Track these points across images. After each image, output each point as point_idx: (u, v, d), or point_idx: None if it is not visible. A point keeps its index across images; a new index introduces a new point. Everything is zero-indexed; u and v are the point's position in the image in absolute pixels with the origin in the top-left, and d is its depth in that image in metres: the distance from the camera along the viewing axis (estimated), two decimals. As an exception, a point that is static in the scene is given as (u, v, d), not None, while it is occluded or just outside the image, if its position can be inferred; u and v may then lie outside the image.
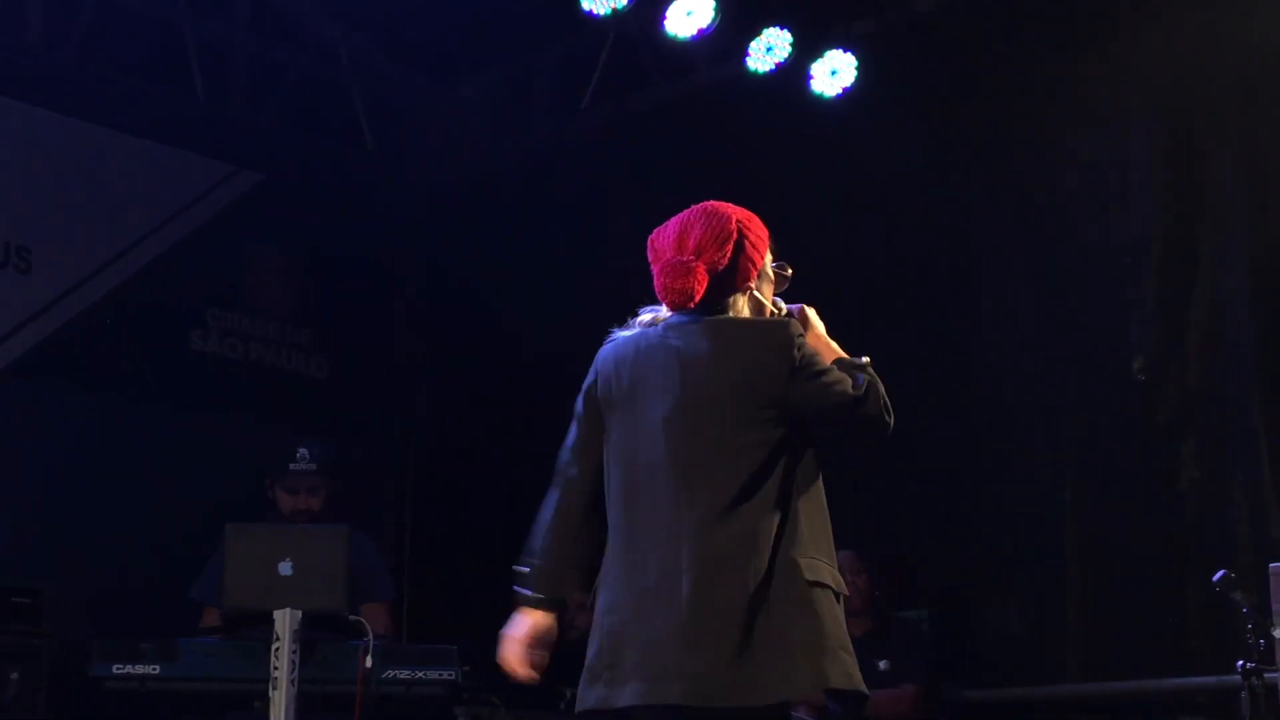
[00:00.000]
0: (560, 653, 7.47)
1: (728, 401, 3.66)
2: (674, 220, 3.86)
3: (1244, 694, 5.25)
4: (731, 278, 3.79)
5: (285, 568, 5.37)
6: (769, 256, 3.90)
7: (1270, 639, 5.26)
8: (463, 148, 9.09)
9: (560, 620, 4.16)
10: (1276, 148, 6.69)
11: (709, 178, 8.19)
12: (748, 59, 7.48)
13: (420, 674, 5.58)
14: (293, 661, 5.27)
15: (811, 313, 3.89)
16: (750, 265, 3.82)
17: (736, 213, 3.85)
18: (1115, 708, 6.72)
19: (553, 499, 3.95)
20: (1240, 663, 5.26)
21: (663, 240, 3.85)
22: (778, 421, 3.64)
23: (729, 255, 3.78)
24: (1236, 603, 5.32)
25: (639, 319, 3.93)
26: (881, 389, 3.65)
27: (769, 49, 7.43)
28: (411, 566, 8.74)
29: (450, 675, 5.63)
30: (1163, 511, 6.74)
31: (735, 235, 3.79)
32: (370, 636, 5.49)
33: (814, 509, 3.67)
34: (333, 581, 5.42)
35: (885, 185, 7.52)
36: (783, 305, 3.94)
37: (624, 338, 3.93)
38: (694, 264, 3.74)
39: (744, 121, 7.89)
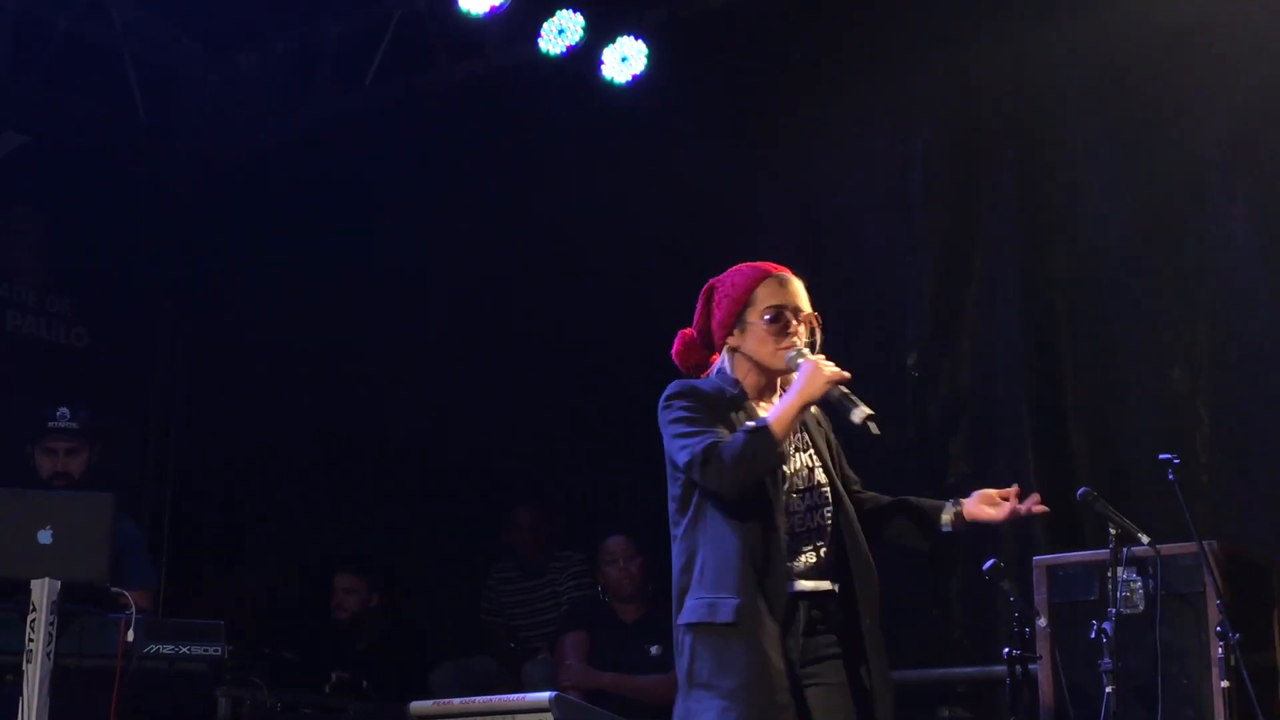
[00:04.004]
0: (328, 635, 7.39)
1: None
2: None
3: (1008, 681, 5.38)
4: (705, 340, 4.24)
5: (45, 536, 5.13)
6: (750, 308, 4.12)
7: (1035, 629, 5.41)
8: (238, 120, 8.87)
9: None
10: (1048, 156, 6.91)
11: (495, 160, 8.19)
12: (540, 40, 7.44)
13: (184, 649, 5.41)
14: (49, 634, 5.04)
15: (807, 366, 4.03)
16: (714, 324, 4.18)
17: (719, 277, 4.23)
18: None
19: None
20: (1006, 650, 5.38)
21: None
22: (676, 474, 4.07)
23: (698, 321, 4.24)
24: (1005, 591, 5.45)
25: None
26: (733, 451, 3.90)
27: (561, 31, 7.42)
28: (171, 544, 8.50)
29: (216, 651, 5.47)
30: (930, 506, 6.86)
31: (703, 301, 4.23)
32: (133, 610, 5.28)
33: (716, 546, 3.98)
34: (95, 551, 5.20)
35: (670, 174, 7.56)
36: (794, 358, 4.06)
37: None
38: (683, 333, 4.27)
39: (533, 104, 7.86)
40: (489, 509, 7.76)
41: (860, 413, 3.98)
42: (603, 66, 7.45)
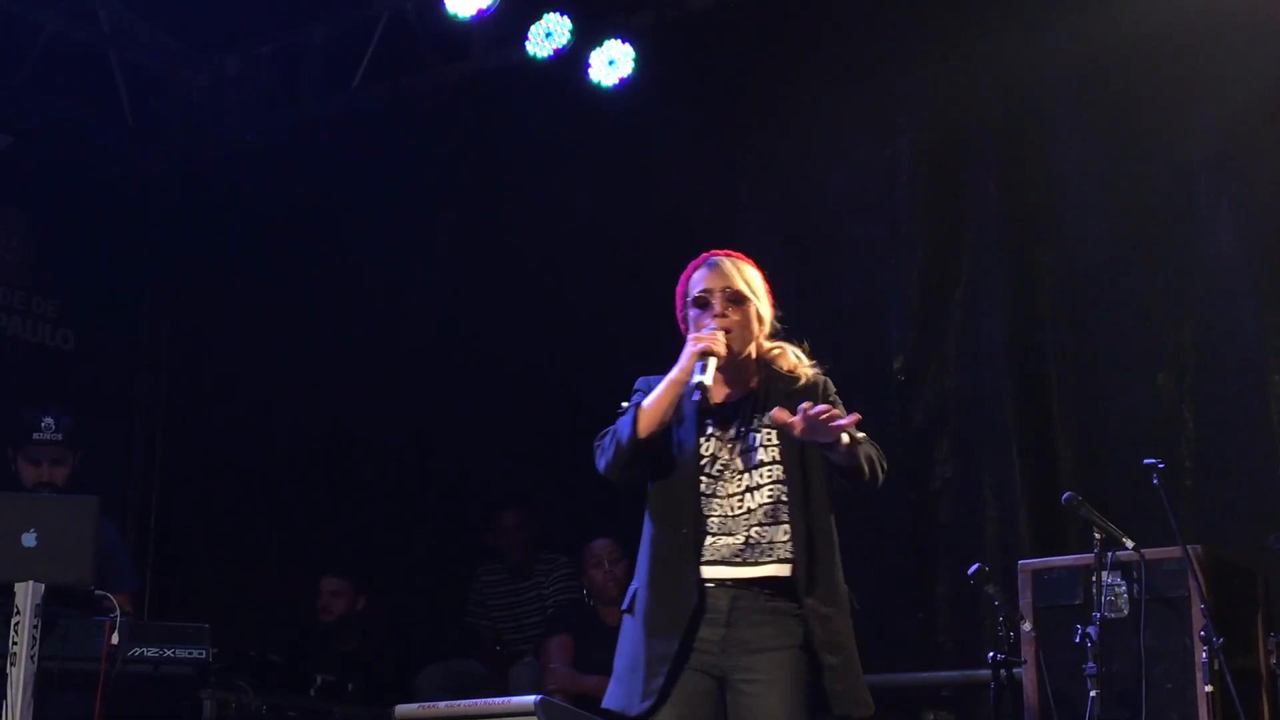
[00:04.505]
0: (313, 638, 7.38)
1: None
2: None
3: (992, 685, 5.39)
4: None
5: (29, 539, 5.10)
6: (689, 299, 4.12)
7: (1019, 633, 5.42)
8: (225, 122, 8.86)
9: None
10: (1033, 160, 6.91)
11: (482, 163, 8.19)
12: (527, 43, 7.43)
13: (169, 652, 5.37)
14: (33, 637, 5.01)
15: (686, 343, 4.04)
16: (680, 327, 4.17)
17: None
18: (864, 701, 6.82)
19: None
20: (991, 654, 5.39)
21: None
22: None
23: None
24: (989, 596, 5.46)
25: None
26: (609, 437, 4.02)
27: (548, 34, 7.40)
28: (157, 547, 8.49)
29: (200, 654, 5.44)
30: (915, 510, 6.88)
31: None
32: (117, 612, 5.27)
33: (643, 534, 4.06)
34: (80, 554, 5.17)
35: (657, 176, 7.57)
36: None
37: None
38: None
39: (520, 107, 7.86)
40: (475, 512, 7.76)
41: (694, 379, 3.89)
42: (590, 70, 7.43)
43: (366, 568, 7.62)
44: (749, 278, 4.13)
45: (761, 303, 4.12)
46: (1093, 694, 5.05)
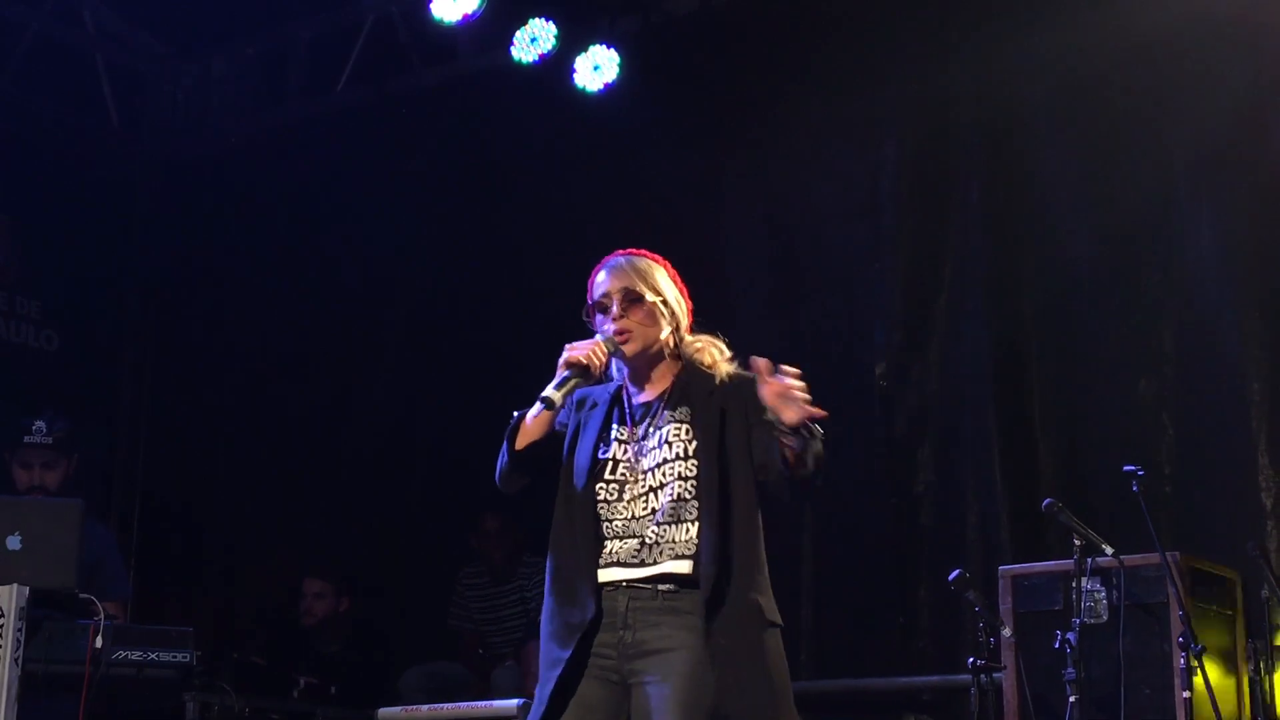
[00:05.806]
0: (295, 640, 7.38)
1: None
2: None
3: (973, 690, 5.41)
4: None
5: (14, 542, 5.11)
6: (591, 305, 4.04)
7: (999, 638, 5.45)
8: (210, 123, 8.87)
9: None
10: (1017, 167, 6.94)
11: (466, 166, 8.19)
12: (512, 48, 7.45)
13: (153, 655, 5.37)
14: (18, 640, 5.02)
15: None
16: None
17: None
18: (845, 705, 6.85)
19: None
20: (971, 659, 5.42)
21: None
22: None
23: None
24: (970, 601, 5.48)
25: None
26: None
27: (534, 39, 7.42)
28: (140, 549, 8.48)
29: (184, 658, 5.44)
30: (898, 515, 6.91)
31: None
32: (101, 616, 5.27)
33: (550, 547, 3.96)
34: (64, 557, 5.18)
35: (641, 182, 7.58)
36: None
37: None
38: None
39: (505, 112, 7.87)
40: (458, 514, 7.76)
41: (544, 391, 3.87)
42: (575, 75, 7.44)
43: (349, 570, 7.62)
44: (649, 275, 3.94)
45: (667, 299, 3.93)
46: (1072, 699, 5.07)
